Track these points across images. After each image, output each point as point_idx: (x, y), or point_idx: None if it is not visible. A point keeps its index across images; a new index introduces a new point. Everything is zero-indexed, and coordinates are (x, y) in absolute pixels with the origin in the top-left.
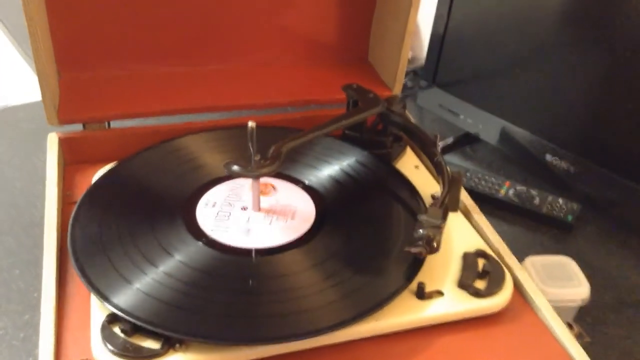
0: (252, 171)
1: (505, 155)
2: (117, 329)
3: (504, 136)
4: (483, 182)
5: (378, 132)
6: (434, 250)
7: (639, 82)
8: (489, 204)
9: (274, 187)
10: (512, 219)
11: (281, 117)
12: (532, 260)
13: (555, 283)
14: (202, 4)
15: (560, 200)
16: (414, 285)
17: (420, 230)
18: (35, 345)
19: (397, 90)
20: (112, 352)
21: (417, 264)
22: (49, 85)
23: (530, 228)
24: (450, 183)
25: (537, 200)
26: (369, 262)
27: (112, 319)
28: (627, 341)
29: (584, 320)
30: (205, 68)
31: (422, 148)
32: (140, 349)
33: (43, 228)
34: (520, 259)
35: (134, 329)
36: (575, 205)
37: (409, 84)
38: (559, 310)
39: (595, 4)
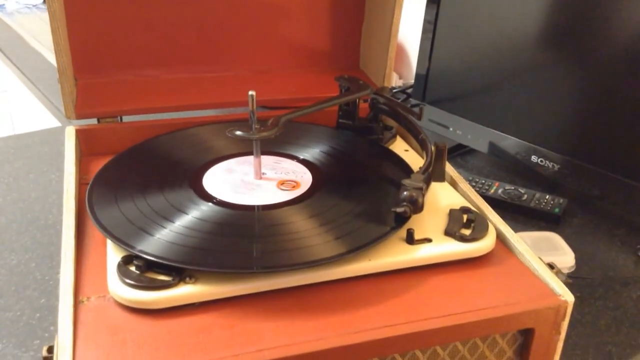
0: (253, 135)
1: (495, 162)
2: (132, 268)
3: (492, 143)
4: (473, 184)
5: (369, 120)
6: (417, 209)
7: (613, 87)
8: None
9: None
10: (502, 214)
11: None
12: (520, 235)
13: (543, 253)
14: (206, 19)
15: (547, 196)
16: (403, 233)
17: (405, 192)
18: (51, 323)
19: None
20: (128, 284)
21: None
22: (68, 80)
23: (519, 222)
24: (436, 154)
25: (525, 197)
26: (362, 214)
27: (126, 260)
28: (616, 311)
29: (573, 295)
30: (207, 75)
31: (409, 128)
32: (153, 280)
33: (57, 229)
34: None
35: (147, 266)
36: (561, 200)
37: None
38: None
39: (571, 24)
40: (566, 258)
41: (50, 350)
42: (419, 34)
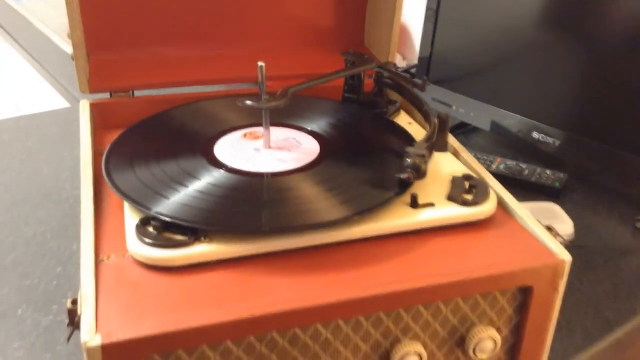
0: (263, 104)
1: (497, 140)
2: (149, 228)
3: (494, 121)
4: (476, 160)
5: (374, 94)
6: (420, 175)
7: (612, 63)
8: None
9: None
10: None
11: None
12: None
13: (542, 222)
14: None
15: (548, 171)
16: (407, 199)
17: (408, 159)
18: (68, 289)
19: None
20: (146, 242)
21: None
22: (82, 56)
23: (520, 195)
24: (439, 124)
25: (526, 172)
26: (367, 181)
27: (144, 221)
28: (614, 279)
29: (573, 264)
30: (215, 52)
31: (412, 101)
32: (170, 239)
33: (71, 203)
34: None
35: (164, 227)
36: (562, 174)
37: None
38: None
39: (572, 2)
40: (565, 227)
41: (74, 302)
42: (422, 15)
